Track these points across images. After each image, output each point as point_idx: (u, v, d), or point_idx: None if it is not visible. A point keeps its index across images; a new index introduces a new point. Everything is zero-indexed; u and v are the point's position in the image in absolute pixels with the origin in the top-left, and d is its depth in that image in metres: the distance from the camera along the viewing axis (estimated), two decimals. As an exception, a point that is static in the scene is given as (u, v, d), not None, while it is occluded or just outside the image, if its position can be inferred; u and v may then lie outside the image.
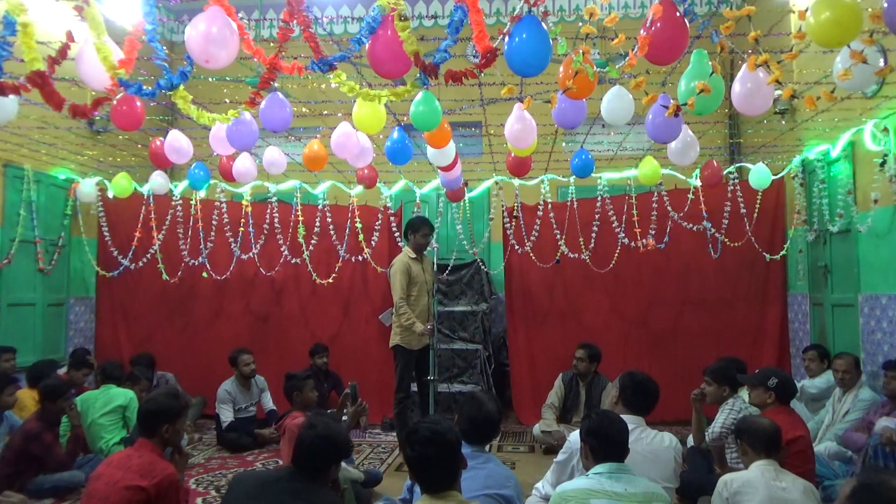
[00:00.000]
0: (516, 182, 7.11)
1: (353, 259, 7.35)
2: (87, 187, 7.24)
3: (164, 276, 7.36)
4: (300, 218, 7.38)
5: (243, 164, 5.84)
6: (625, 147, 7.32)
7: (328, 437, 2.73)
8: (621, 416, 3.14)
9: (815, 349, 5.69)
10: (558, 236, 7.16)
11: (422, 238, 6.06)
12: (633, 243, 6.95)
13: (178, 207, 7.48)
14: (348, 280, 7.58)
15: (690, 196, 7.01)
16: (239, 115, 4.00)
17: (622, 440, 2.85)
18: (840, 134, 5.80)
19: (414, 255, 6.03)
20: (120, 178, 6.84)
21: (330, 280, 7.30)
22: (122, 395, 5.44)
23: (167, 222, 7.44)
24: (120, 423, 5.37)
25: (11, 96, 3.80)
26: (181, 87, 3.48)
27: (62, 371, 6.19)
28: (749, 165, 6.83)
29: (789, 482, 2.95)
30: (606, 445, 2.81)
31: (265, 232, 7.44)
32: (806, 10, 2.84)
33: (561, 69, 3.25)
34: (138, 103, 4.17)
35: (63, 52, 3.60)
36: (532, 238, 7.21)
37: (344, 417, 4.59)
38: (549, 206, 7.28)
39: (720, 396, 4.61)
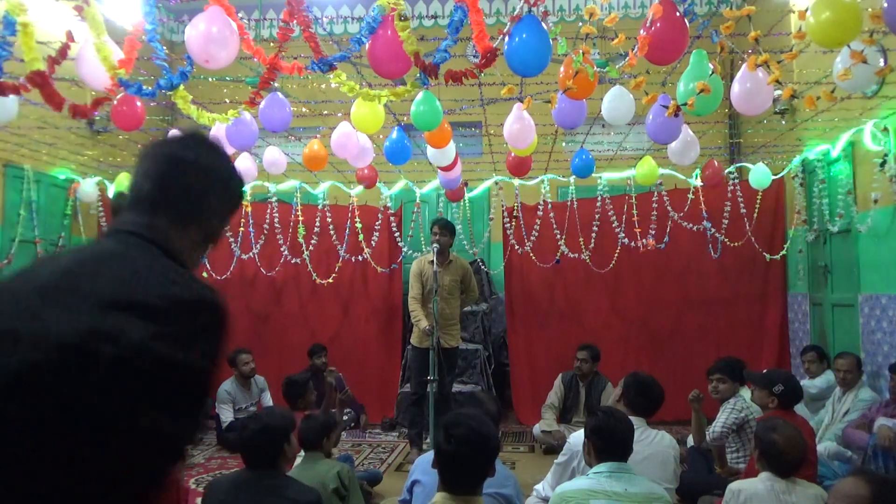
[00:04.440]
0: (516, 182, 7.10)
1: (353, 259, 7.34)
2: (87, 187, 7.23)
3: (164, 276, 7.35)
4: (300, 218, 7.38)
5: (243, 164, 5.83)
6: (625, 147, 7.32)
7: (263, 428, 2.85)
8: (623, 415, 3.12)
9: (814, 350, 5.69)
10: (558, 236, 7.16)
11: (432, 236, 5.98)
12: (633, 243, 6.94)
13: (178, 207, 7.46)
14: (348, 280, 7.58)
15: (690, 196, 7.00)
16: (239, 115, 4.01)
17: (627, 439, 2.83)
18: (840, 134, 5.80)
19: (432, 258, 5.94)
20: (123, 179, 6.82)
21: (330, 280, 7.30)
22: None
23: (167, 222, 7.42)
24: None
25: (11, 96, 3.81)
26: (181, 87, 3.49)
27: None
28: (749, 165, 6.83)
29: (799, 495, 2.89)
30: (611, 444, 2.79)
31: (265, 232, 7.43)
32: (806, 10, 2.84)
33: (561, 69, 3.25)
34: (138, 103, 4.17)
35: (63, 52, 3.61)
36: (532, 238, 7.20)
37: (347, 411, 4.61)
38: (549, 206, 7.27)
39: (734, 392, 4.61)
